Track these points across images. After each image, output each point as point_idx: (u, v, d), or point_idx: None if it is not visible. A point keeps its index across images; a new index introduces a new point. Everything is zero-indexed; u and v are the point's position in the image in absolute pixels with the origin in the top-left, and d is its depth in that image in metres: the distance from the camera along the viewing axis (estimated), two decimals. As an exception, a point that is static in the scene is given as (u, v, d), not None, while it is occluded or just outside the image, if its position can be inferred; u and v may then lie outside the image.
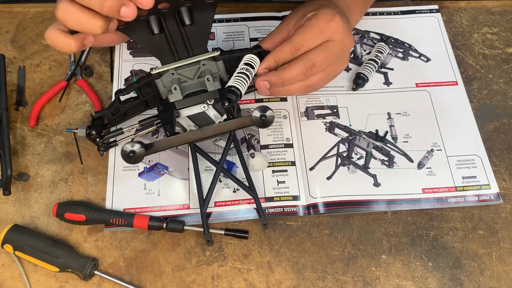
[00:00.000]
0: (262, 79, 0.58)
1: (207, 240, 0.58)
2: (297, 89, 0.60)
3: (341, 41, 0.57)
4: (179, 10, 0.54)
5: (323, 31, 0.57)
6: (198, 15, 0.54)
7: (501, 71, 0.75)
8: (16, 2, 0.79)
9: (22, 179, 0.64)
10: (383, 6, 0.81)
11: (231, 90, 0.54)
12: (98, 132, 0.61)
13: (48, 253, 0.56)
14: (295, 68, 0.57)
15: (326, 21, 0.57)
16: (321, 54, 0.57)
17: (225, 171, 0.61)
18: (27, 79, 0.73)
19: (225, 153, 0.60)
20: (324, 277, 0.58)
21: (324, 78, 0.60)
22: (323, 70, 0.58)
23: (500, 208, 0.63)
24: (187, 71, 0.58)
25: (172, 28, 0.55)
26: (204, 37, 0.56)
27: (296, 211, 0.62)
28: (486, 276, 0.58)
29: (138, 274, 0.58)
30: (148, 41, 0.55)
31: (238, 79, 0.56)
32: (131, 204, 0.62)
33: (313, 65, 0.57)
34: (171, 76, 0.57)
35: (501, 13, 0.81)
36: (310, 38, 0.57)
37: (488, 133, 0.69)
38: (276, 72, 0.58)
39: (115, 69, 0.73)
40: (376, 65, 0.72)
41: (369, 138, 0.68)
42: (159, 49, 0.56)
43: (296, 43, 0.57)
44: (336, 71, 0.61)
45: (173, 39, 0.56)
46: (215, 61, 0.58)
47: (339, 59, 0.59)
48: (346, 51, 0.59)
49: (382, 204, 0.62)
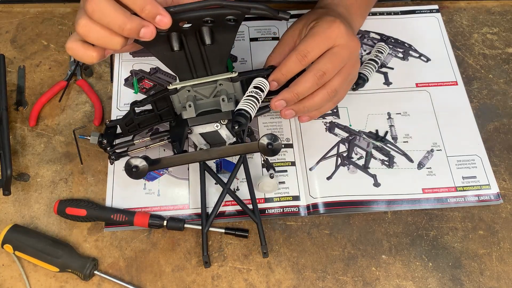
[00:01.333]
0: (276, 99, 0.57)
1: (205, 262, 0.57)
2: (321, 99, 0.58)
3: (346, 44, 0.57)
4: (200, 29, 0.53)
5: (326, 37, 0.57)
6: (219, 35, 0.54)
7: (501, 71, 0.75)
8: (16, 2, 0.79)
9: (22, 179, 0.64)
10: (383, 6, 0.81)
11: (241, 113, 0.53)
12: (109, 141, 0.60)
13: (48, 253, 0.56)
14: (307, 81, 0.56)
15: (328, 27, 0.57)
16: (329, 61, 0.56)
17: (231, 194, 0.60)
18: (27, 79, 0.73)
19: (233, 175, 0.61)
20: (324, 277, 0.58)
21: (343, 81, 0.59)
22: (339, 74, 0.58)
23: (500, 208, 0.63)
24: (203, 89, 0.58)
25: (192, 46, 0.55)
26: (223, 57, 0.56)
27: (296, 211, 0.62)
28: (486, 276, 0.58)
29: (138, 274, 0.58)
30: (167, 57, 0.55)
31: (247, 102, 0.55)
32: (131, 204, 0.62)
33: (323, 73, 0.56)
34: (187, 92, 0.57)
35: (501, 13, 0.81)
36: (315, 45, 0.56)
37: (488, 133, 0.69)
38: (289, 88, 0.57)
39: (115, 69, 0.73)
40: (376, 65, 0.72)
41: (369, 138, 0.68)
42: (178, 65, 0.56)
43: (302, 51, 0.56)
44: (352, 74, 0.60)
45: (193, 57, 0.55)
46: (232, 82, 0.57)
47: (350, 62, 0.58)
48: (354, 54, 0.59)
49: (382, 204, 0.62)
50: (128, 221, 0.59)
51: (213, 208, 0.59)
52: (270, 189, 0.62)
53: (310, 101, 0.58)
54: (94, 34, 0.44)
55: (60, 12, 0.79)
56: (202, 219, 0.59)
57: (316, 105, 0.58)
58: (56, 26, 0.78)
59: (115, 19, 0.43)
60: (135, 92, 0.71)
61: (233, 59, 0.74)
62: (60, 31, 0.77)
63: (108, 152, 0.61)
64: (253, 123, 0.68)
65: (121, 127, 0.61)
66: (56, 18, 0.79)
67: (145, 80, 0.72)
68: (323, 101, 0.58)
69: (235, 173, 0.61)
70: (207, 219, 0.58)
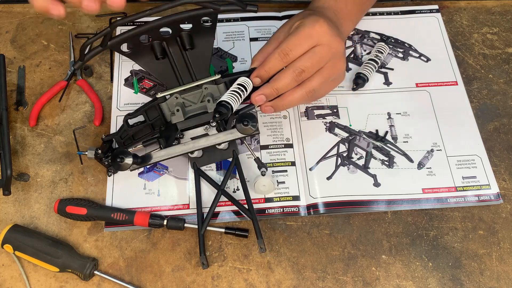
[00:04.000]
0: (257, 93, 0.59)
1: (202, 263, 0.57)
2: (299, 98, 0.60)
3: (328, 44, 0.58)
4: (181, 36, 0.58)
5: (308, 35, 0.58)
6: (198, 40, 0.58)
7: (501, 71, 0.75)
8: (16, 2, 0.79)
9: (22, 179, 0.64)
10: (383, 6, 0.81)
11: (222, 104, 0.55)
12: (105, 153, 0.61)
13: (48, 253, 0.56)
14: (286, 77, 0.58)
15: (311, 26, 0.58)
16: (309, 59, 0.58)
17: (226, 194, 0.61)
18: (27, 79, 0.73)
19: (227, 176, 0.61)
20: (324, 277, 0.58)
21: (323, 82, 0.60)
22: (319, 74, 0.59)
23: (500, 208, 0.63)
24: (191, 95, 0.61)
25: (175, 53, 0.59)
26: (206, 61, 0.60)
27: (296, 211, 0.62)
28: (486, 276, 0.58)
29: (138, 274, 0.58)
30: (153, 66, 0.59)
31: (229, 95, 0.57)
32: (131, 204, 0.62)
33: (302, 71, 0.58)
34: (176, 100, 0.60)
35: (501, 13, 0.81)
36: (297, 43, 0.58)
37: (488, 133, 0.69)
38: (269, 83, 0.59)
39: (115, 69, 0.73)
40: (376, 65, 0.72)
41: (369, 138, 0.67)
42: (164, 74, 0.60)
43: (284, 49, 0.58)
44: (333, 74, 0.61)
45: (177, 64, 0.60)
46: (216, 84, 0.60)
47: (331, 62, 0.59)
48: (336, 54, 0.59)
49: (382, 204, 0.62)
50: (128, 220, 0.59)
51: (209, 209, 0.59)
52: (266, 188, 0.62)
53: (289, 98, 0.60)
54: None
55: (60, 12, 0.79)
56: (198, 221, 0.59)
57: (294, 102, 0.60)
58: (56, 26, 0.78)
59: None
60: (135, 92, 0.71)
61: (233, 59, 0.74)
62: (60, 31, 0.77)
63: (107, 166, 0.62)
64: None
65: (117, 141, 0.63)
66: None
67: (145, 80, 0.72)
68: (301, 99, 0.60)
69: (229, 174, 0.61)
70: (203, 221, 0.59)
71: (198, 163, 0.63)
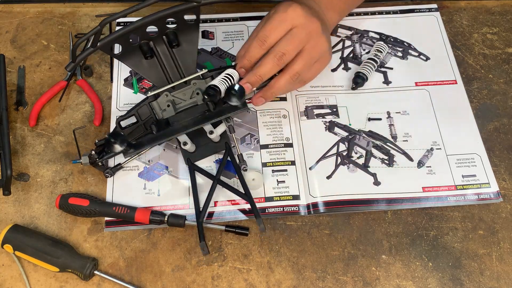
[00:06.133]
0: (242, 82, 0.60)
1: (202, 249, 0.57)
2: (286, 83, 0.62)
3: (303, 25, 0.60)
4: (167, 34, 0.60)
5: (283, 19, 0.60)
6: (183, 37, 0.60)
7: (501, 71, 0.75)
8: (16, 2, 0.79)
9: (22, 179, 0.64)
10: (382, 5, 0.81)
11: (211, 87, 0.58)
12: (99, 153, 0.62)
13: (48, 253, 0.56)
14: (267, 62, 0.59)
15: (284, 10, 0.60)
16: (288, 42, 0.59)
17: (221, 183, 0.62)
18: (27, 79, 0.73)
19: (221, 166, 0.62)
20: (324, 277, 0.58)
21: (306, 64, 0.62)
22: (300, 56, 0.60)
23: (500, 208, 0.63)
24: (180, 92, 0.62)
25: (163, 51, 0.61)
26: (192, 58, 0.62)
27: (296, 211, 0.62)
28: (486, 276, 0.58)
29: (138, 274, 0.58)
30: (142, 66, 0.61)
31: (217, 80, 0.59)
32: (131, 204, 0.61)
33: (282, 54, 0.59)
34: (166, 98, 0.61)
35: (501, 13, 0.81)
36: (272, 29, 0.60)
37: (488, 133, 0.69)
38: (252, 71, 0.60)
39: (115, 69, 0.73)
40: (375, 64, 0.72)
41: (369, 137, 0.67)
42: (153, 73, 0.62)
43: (260, 36, 0.60)
44: (315, 55, 0.62)
45: (165, 62, 0.61)
46: (203, 78, 0.62)
47: (310, 43, 0.61)
48: (314, 34, 0.61)
49: (382, 202, 0.62)
50: (129, 215, 0.59)
51: (206, 198, 0.60)
52: (256, 182, 0.62)
53: (276, 86, 0.62)
54: None
55: (60, 12, 0.79)
56: (195, 210, 0.59)
57: (282, 89, 0.63)
58: (56, 26, 0.78)
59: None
60: (134, 92, 0.71)
61: (232, 59, 0.74)
62: (60, 31, 0.77)
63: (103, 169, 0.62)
64: (253, 123, 0.68)
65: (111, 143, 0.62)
66: (56, 18, 0.79)
67: (145, 80, 0.72)
68: (288, 84, 0.62)
69: (223, 165, 0.62)
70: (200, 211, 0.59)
71: (192, 159, 0.63)
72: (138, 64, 0.60)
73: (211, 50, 0.75)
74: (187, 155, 0.64)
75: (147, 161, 0.65)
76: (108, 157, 0.61)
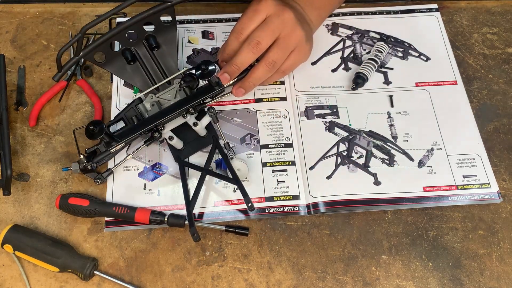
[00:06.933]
0: (220, 73, 0.62)
1: (192, 234, 0.56)
2: (263, 72, 0.63)
3: (277, 13, 0.61)
4: (147, 38, 0.63)
5: (256, 11, 0.62)
6: (162, 39, 0.63)
7: (501, 71, 0.75)
8: (16, 2, 0.79)
9: (22, 179, 0.64)
10: (382, 6, 0.81)
11: (188, 74, 0.61)
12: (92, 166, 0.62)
13: (48, 253, 0.56)
14: (243, 50, 0.61)
15: (257, 2, 0.62)
16: (262, 31, 0.61)
17: (210, 172, 0.62)
18: (27, 79, 0.73)
19: (210, 159, 0.63)
20: (324, 277, 0.58)
21: (281, 53, 0.63)
22: (276, 44, 0.62)
23: (500, 208, 0.63)
24: (165, 93, 0.63)
25: (144, 55, 0.64)
26: (173, 58, 0.64)
27: (296, 211, 0.62)
28: (486, 276, 0.58)
29: (138, 274, 0.58)
30: (126, 72, 0.63)
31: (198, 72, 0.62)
32: (131, 204, 0.61)
33: (258, 42, 0.61)
34: (151, 99, 0.63)
35: (501, 13, 0.81)
36: (247, 20, 0.62)
37: (488, 133, 0.69)
38: (230, 61, 0.62)
39: (115, 69, 0.73)
40: (375, 65, 0.72)
41: (369, 137, 0.67)
42: (137, 77, 0.64)
43: (236, 28, 0.62)
44: (291, 43, 0.63)
45: (147, 65, 0.64)
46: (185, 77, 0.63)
47: (285, 31, 0.62)
48: (288, 22, 0.62)
49: (383, 202, 0.62)
50: (129, 215, 0.59)
51: (195, 188, 0.60)
52: (242, 172, 0.62)
53: (253, 75, 0.64)
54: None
55: (60, 12, 0.79)
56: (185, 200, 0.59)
57: (259, 78, 0.64)
58: (56, 26, 0.78)
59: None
60: (134, 92, 0.71)
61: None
62: (60, 31, 0.77)
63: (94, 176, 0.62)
64: (253, 122, 0.68)
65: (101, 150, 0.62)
66: (56, 18, 0.79)
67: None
68: (265, 72, 0.64)
69: (212, 157, 0.63)
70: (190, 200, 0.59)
71: (181, 156, 0.64)
72: (121, 70, 0.63)
73: (211, 50, 0.75)
74: (176, 152, 0.64)
75: (147, 161, 0.65)
76: (97, 160, 0.61)
